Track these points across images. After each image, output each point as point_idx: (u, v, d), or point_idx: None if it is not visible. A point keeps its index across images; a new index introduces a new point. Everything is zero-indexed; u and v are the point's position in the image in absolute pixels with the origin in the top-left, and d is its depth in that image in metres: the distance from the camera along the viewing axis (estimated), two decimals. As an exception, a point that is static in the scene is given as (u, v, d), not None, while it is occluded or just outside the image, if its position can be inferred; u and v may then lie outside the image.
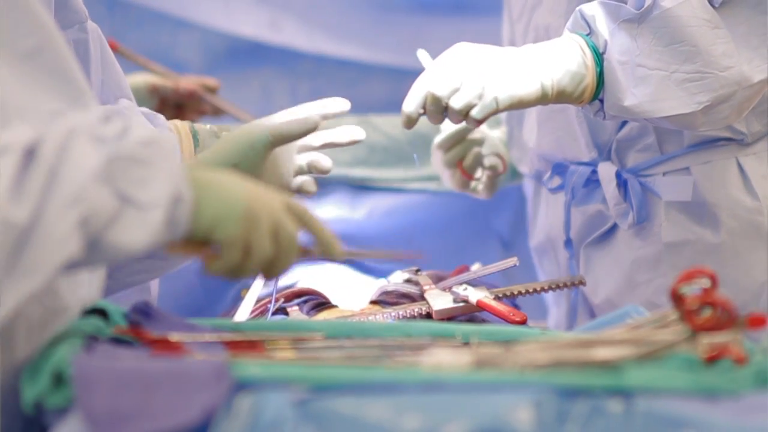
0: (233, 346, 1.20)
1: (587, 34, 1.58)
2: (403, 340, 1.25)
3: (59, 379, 1.03)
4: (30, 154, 1.03)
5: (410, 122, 1.56)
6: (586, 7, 1.59)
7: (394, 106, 2.61)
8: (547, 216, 1.96)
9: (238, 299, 1.92)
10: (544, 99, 1.55)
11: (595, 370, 1.07)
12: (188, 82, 2.34)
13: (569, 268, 1.93)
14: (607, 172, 1.81)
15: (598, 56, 1.57)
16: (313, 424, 0.99)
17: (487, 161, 2.01)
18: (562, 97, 1.57)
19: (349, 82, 2.60)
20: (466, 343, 1.24)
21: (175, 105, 2.39)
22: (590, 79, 1.57)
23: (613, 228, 1.85)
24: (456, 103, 1.52)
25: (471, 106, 1.52)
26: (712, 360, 1.11)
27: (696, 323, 1.13)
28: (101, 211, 1.04)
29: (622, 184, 1.80)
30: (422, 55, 1.77)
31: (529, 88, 1.54)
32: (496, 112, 1.53)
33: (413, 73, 1.69)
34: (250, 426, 0.99)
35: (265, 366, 1.10)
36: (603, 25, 1.57)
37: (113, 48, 2.27)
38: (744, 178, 1.75)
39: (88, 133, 1.07)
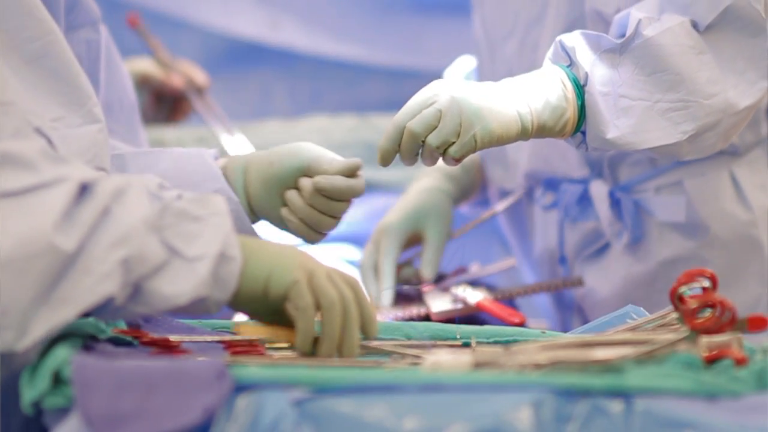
0: (233, 347, 1.20)
1: (568, 66, 1.53)
2: (402, 341, 1.25)
3: (59, 380, 1.03)
4: (85, 190, 1.05)
5: (386, 159, 1.48)
6: (566, 38, 1.55)
7: (394, 106, 2.60)
8: (543, 232, 1.95)
9: None
10: (524, 135, 1.50)
11: (595, 370, 1.07)
12: (178, 78, 2.33)
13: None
14: (599, 191, 1.81)
15: (579, 88, 1.52)
16: (313, 425, 0.99)
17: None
18: (543, 132, 1.52)
19: (349, 83, 2.60)
20: (466, 344, 1.24)
21: (170, 101, 2.40)
22: (571, 112, 1.52)
23: (608, 245, 1.85)
24: (433, 140, 1.45)
25: (449, 144, 1.46)
26: (712, 360, 1.11)
27: (696, 324, 1.13)
28: (147, 257, 1.07)
29: (615, 203, 1.80)
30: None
31: (508, 125, 1.48)
32: (475, 150, 1.48)
33: (413, 73, 1.70)
34: (250, 427, 0.99)
35: (265, 367, 1.10)
36: (583, 56, 1.52)
37: (134, 23, 2.27)
38: (737, 190, 1.75)
39: (146, 187, 1.10)
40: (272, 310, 1.16)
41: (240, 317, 1.71)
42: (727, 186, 1.74)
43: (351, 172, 1.33)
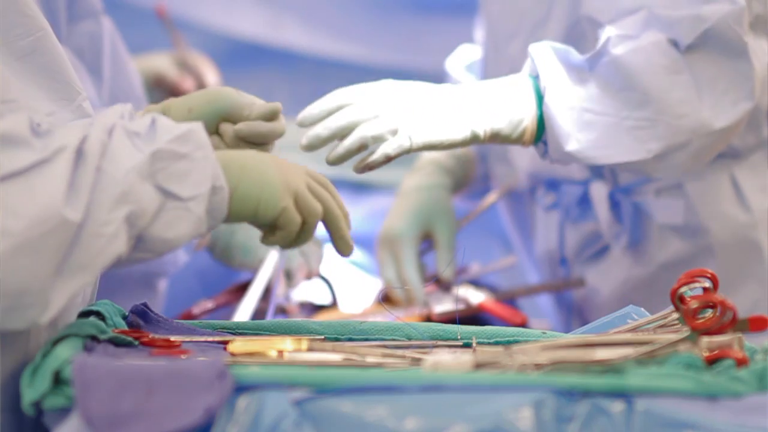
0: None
1: (536, 76, 1.53)
2: (403, 342, 1.25)
3: (59, 380, 1.03)
4: (79, 153, 1.06)
5: (311, 146, 1.50)
6: (533, 49, 1.54)
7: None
8: (545, 232, 1.96)
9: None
10: (474, 140, 1.50)
11: (596, 370, 1.07)
12: (190, 82, 2.33)
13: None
14: (599, 192, 1.81)
15: (541, 99, 1.52)
16: (313, 425, 0.99)
17: None
18: (498, 139, 1.52)
19: (350, 82, 2.60)
20: (467, 345, 1.24)
21: None
22: (529, 122, 1.51)
23: (608, 246, 1.85)
24: (367, 130, 1.46)
25: (382, 140, 1.47)
26: (713, 361, 1.11)
27: (697, 324, 1.13)
28: (145, 207, 1.08)
29: (615, 205, 1.80)
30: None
31: (454, 131, 1.48)
32: (409, 151, 1.47)
33: (414, 73, 1.69)
34: (251, 427, 0.99)
35: (266, 367, 1.10)
36: (546, 69, 1.52)
37: (161, 13, 2.27)
38: (737, 193, 1.75)
39: (122, 128, 1.10)
40: (258, 225, 1.21)
41: (240, 317, 1.71)
42: (728, 188, 1.74)
43: (271, 116, 1.32)
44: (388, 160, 1.48)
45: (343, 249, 1.26)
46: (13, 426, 1.11)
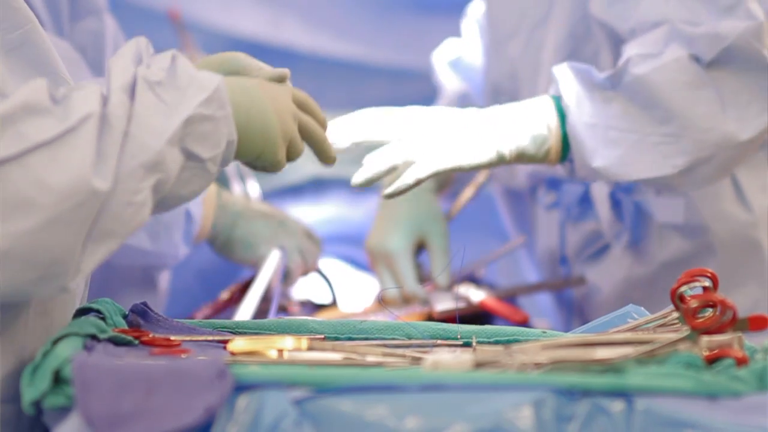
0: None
1: (558, 96, 1.55)
2: (403, 341, 1.25)
3: (59, 379, 1.03)
4: (103, 119, 1.06)
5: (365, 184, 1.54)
6: (555, 70, 1.57)
7: (395, 105, 2.60)
8: (545, 231, 1.96)
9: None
10: (501, 161, 1.52)
11: (596, 370, 1.07)
12: None
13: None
14: (600, 192, 1.81)
15: (564, 118, 1.54)
16: (314, 424, 0.99)
17: None
18: (524, 159, 1.54)
19: (349, 82, 2.60)
20: (467, 344, 1.24)
21: None
22: (554, 141, 1.53)
23: (608, 245, 1.85)
24: (397, 155, 1.49)
25: (410, 164, 1.49)
26: (713, 360, 1.11)
27: (697, 323, 1.13)
28: (172, 172, 1.10)
29: (615, 204, 1.80)
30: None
31: (480, 154, 1.51)
32: (437, 175, 1.49)
33: (414, 72, 1.69)
34: (251, 426, 0.99)
35: (266, 366, 1.10)
36: (568, 88, 1.54)
37: (174, 17, 2.26)
38: (738, 192, 1.75)
39: (144, 81, 1.10)
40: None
41: (240, 317, 1.71)
42: (728, 188, 1.75)
43: (280, 80, 1.32)
44: (418, 183, 1.49)
45: (327, 161, 1.33)
46: (13, 417, 1.11)
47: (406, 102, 1.55)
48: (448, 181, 2.05)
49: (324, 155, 1.32)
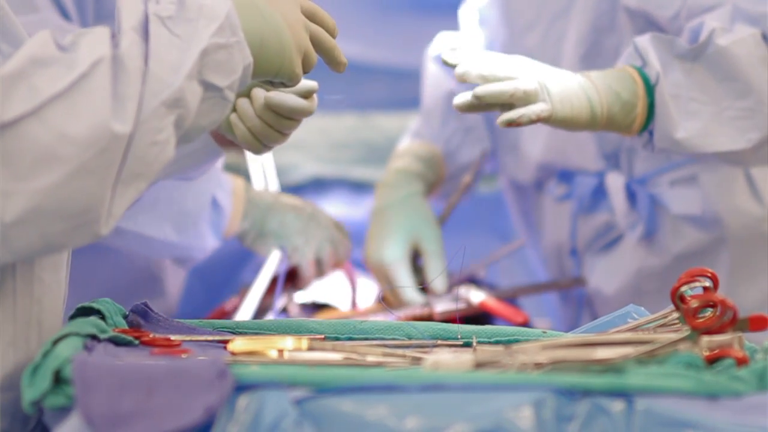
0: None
1: (641, 66, 1.57)
2: (403, 341, 1.25)
3: (60, 379, 1.02)
4: (116, 61, 1.05)
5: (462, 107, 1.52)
6: (639, 41, 1.58)
7: (395, 105, 2.61)
8: (555, 224, 1.96)
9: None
10: (592, 124, 1.53)
11: (596, 370, 1.07)
12: None
13: (575, 274, 1.93)
14: (615, 183, 1.81)
15: (650, 88, 1.55)
16: (314, 424, 0.99)
17: None
18: (612, 125, 1.55)
19: (350, 81, 2.60)
20: (467, 344, 1.24)
21: None
22: (641, 109, 1.55)
23: (620, 237, 1.85)
24: (521, 85, 1.48)
25: (528, 101, 1.49)
26: (713, 360, 1.11)
27: (697, 323, 1.13)
28: (192, 105, 1.10)
29: (630, 195, 1.81)
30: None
31: (579, 110, 1.52)
32: (547, 121, 1.51)
33: (414, 72, 1.69)
34: (251, 426, 0.99)
35: (266, 366, 1.10)
36: (655, 59, 1.56)
37: None
38: (751, 186, 1.76)
39: (155, 18, 1.09)
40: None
41: (241, 317, 1.71)
42: (741, 182, 1.75)
43: (306, 93, 1.33)
44: (531, 122, 1.50)
45: (338, 69, 1.31)
46: (13, 405, 1.11)
47: (406, 102, 1.55)
48: (438, 181, 2.05)
49: (335, 62, 1.30)
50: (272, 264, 1.82)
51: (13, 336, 1.11)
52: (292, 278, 1.88)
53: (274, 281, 1.86)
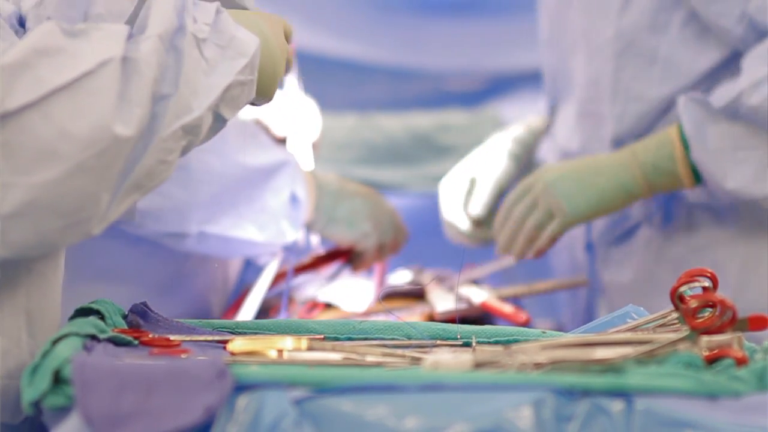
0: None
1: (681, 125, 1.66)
2: (403, 341, 1.25)
3: (59, 379, 1.03)
4: (128, 63, 1.04)
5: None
6: (680, 101, 1.66)
7: (395, 105, 2.61)
8: None
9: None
10: (632, 199, 1.69)
11: (596, 370, 1.07)
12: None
13: (588, 266, 1.93)
14: None
15: (688, 146, 1.65)
16: (313, 424, 0.99)
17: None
18: (658, 190, 1.68)
19: (350, 82, 2.60)
20: (467, 344, 1.24)
21: None
22: (682, 168, 1.65)
23: (636, 227, 1.85)
24: (530, 224, 1.72)
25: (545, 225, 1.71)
26: (713, 360, 1.11)
27: (696, 323, 1.13)
28: (203, 134, 1.12)
29: None
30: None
31: (607, 199, 1.68)
32: (569, 227, 1.71)
33: (415, 72, 1.69)
34: (250, 426, 0.99)
35: (266, 366, 1.10)
36: (689, 118, 1.64)
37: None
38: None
39: (192, 36, 1.10)
40: None
41: (243, 317, 1.72)
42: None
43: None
44: (554, 241, 1.74)
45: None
46: (13, 393, 1.11)
47: (407, 101, 1.55)
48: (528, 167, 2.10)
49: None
50: (274, 265, 1.82)
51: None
52: (347, 258, 1.89)
53: (327, 257, 1.89)
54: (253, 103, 1.23)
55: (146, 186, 1.08)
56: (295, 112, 2.14)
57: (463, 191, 1.99)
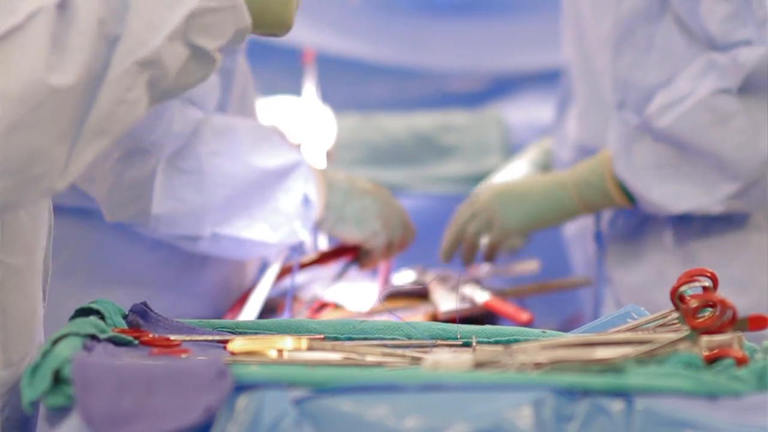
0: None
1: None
2: (403, 341, 1.25)
3: (59, 379, 1.03)
4: (63, 9, 1.00)
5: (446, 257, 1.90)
6: (612, 119, 1.73)
7: (398, 105, 2.61)
8: None
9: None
10: (568, 214, 1.79)
11: (596, 370, 1.07)
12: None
13: (597, 260, 1.93)
14: None
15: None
16: (313, 424, 0.99)
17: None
18: (593, 207, 1.78)
19: (352, 82, 2.60)
20: (467, 344, 1.24)
21: None
22: (610, 184, 1.73)
23: (646, 221, 1.86)
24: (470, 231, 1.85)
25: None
26: (713, 360, 1.10)
27: (696, 323, 1.13)
28: (173, 66, 1.06)
29: None
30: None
31: (544, 213, 1.77)
32: (508, 236, 1.83)
33: (417, 72, 1.69)
34: (250, 426, 0.99)
35: (266, 366, 1.10)
36: (613, 137, 1.71)
37: (308, 58, 2.29)
38: None
39: None
40: None
41: (245, 317, 1.72)
42: None
43: None
44: (494, 249, 1.88)
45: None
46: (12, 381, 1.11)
47: (409, 101, 1.55)
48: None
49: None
50: (276, 265, 1.82)
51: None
52: (354, 256, 1.89)
53: (333, 253, 1.89)
54: (272, 34, 1.20)
55: (112, 130, 1.03)
56: (311, 120, 2.15)
57: None
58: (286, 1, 1.17)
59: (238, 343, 1.15)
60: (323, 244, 1.91)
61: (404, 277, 1.95)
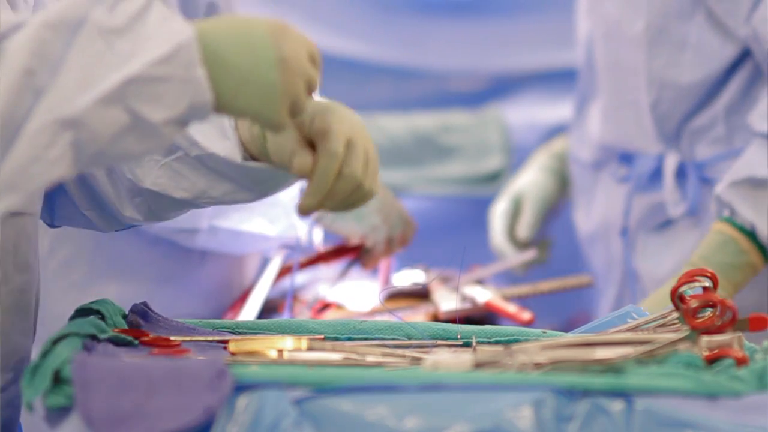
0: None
1: (730, 217, 1.64)
2: (403, 341, 1.25)
3: (60, 379, 1.03)
4: None
5: None
6: (721, 193, 1.65)
7: (398, 105, 2.60)
8: (606, 204, 1.96)
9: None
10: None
11: (596, 370, 1.07)
12: None
13: (624, 256, 1.93)
14: (671, 162, 1.83)
15: (748, 232, 1.63)
16: (313, 424, 0.99)
17: None
18: (740, 287, 1.65)
19: (352, 82, 2.60)
20: (467, 344, 1.24)
21: None
22: (755, 257, 1.64)
23: (673, 218, 1.86)
24: None
25: None
26: (713, 360, 1.11)
27: (696, 323, 1.13)
28: (104, 130, 0.99)
29: (682, 175, 1.82)
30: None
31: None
32: None
33: (417, 72, 1.69)
34: (250, 426, 0.99)
35: (266, 366, 1.11)
36: (745, 206, 1.63)
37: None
38: None
39: (95, 25, 0.99)
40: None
41: (245, 317, 1.72)
42: None
43: None
44: None
45: None
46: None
47: (409, 102, 1.55)
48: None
49: None
50: (276, 264, 1.82)
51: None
52: (355, 255, 1.89)
53: (334, 253, 1.88)
54: (264, 127, 1.11)
55: (22, 187, 0.96)
56: None
57: (509, 215, 2.05)
58: (264, 91, 1.06)
59: (238, 343, 1.15)
60: (318, 238, 1.90)
61: (408, 277, 1.95)
